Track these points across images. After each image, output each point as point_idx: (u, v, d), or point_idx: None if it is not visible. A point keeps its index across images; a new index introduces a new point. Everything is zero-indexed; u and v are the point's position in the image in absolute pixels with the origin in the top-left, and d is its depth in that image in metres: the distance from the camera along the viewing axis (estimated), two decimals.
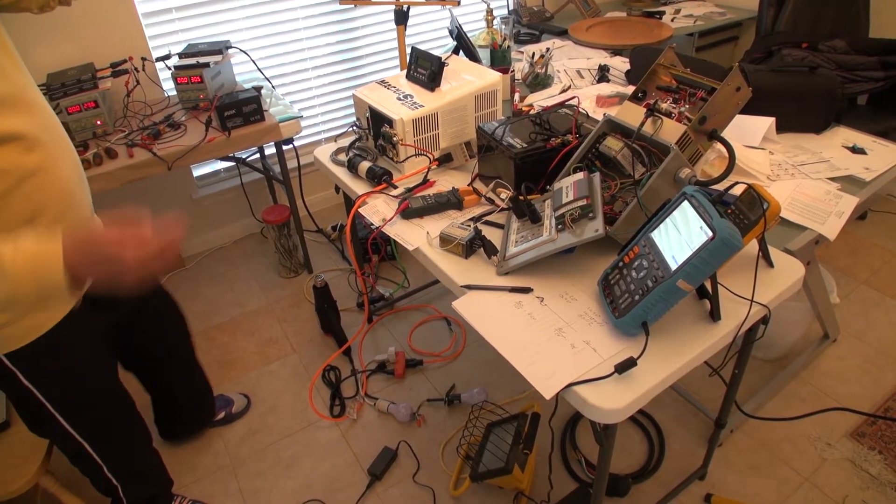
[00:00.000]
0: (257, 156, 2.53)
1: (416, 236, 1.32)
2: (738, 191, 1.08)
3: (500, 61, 2.10)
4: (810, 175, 1.48)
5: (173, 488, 1.61)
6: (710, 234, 0.89)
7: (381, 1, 2.24)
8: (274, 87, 2.38)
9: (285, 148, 2.17)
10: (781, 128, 1.62)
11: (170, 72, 2.05)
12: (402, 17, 2.28)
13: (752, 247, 1.14)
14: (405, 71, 1.66)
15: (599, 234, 1.06)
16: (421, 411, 1.87)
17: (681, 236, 0.95)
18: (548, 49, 2.08)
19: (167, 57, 2.09)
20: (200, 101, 2.03)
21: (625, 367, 0.92)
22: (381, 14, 2.61)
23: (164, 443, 1.80)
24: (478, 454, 1.59)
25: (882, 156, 1.55)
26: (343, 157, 1.62)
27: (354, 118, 1.68)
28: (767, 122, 1.59)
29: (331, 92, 2.68)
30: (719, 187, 1.07)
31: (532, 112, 1.57)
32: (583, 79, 2.08)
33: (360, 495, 1.65)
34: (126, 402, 1.37)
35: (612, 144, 1.19)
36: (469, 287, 1.15)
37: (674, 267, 0.93)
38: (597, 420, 0.92)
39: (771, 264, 1.14)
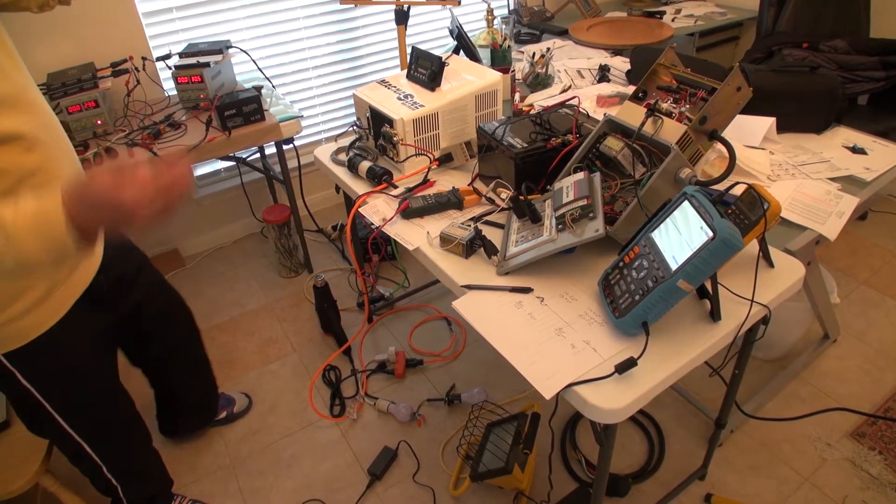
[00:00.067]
0: (257, 155, 2.53)
1: (417, 236, 1.32)
2: (738, 191, 1.08)
3: (500, 61, 2.10)
4: (811, 175, 1.48)
5: (173, 488, 1.61)
6: (711, 234, 0.89)
7: (382, 1, 2.24)
8: (274, 86, 2.38)
9: (286, 147, 2.16)
10: (782, 128, 1.62)
11: (170, 71, 2.05)
12: (402, 17, 2.28)
13: (753, 247, 1.14)
14: (405, 71, 1.65)
15: (600, 234, 1.06)
16: (421, 411, 1.87)
17: (681, 236, 0.95)
18: (548, 49, 2.08)
19: (167, 56, 2.09)
20: (201, 101, 2.03)
21: (625, 367, 0.92)
22: (382, 14, 2.61)
23: (164, 440, 1.80)
24: (478, 454, 1.59)
25: (882, 156, 1.55)
26: (343, 157, 1.62)
27: (355, 118, 1.68)
28: (768, 122, 1.59)
29: (331, 92, 2.68)
30: (720, 187, 1.07)
31: (532, 112, 1.57)
32: (583, 79, 2.07)
33: (360, 495, 1.65)
34: (126, 402, 1.37)
35: (613, 144, 1.19)
36: (469, 287, 1.15)
37: (674, 267, 0.93)
38: (597, 420, 0.92)
39: (771, 264, 1.14)
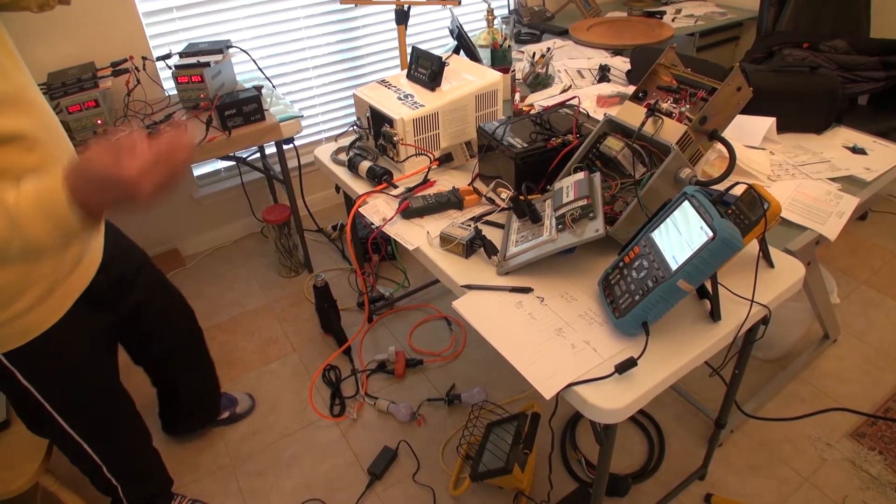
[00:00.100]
0: (258, 155, 2.53)
1: (417, 236, 1.32)
2: (738, 191, 1.08)
3: (500, 61, 2.10)
4: (811, 175, 1.48)
5: (173, 487, 1.61)
6: (711, 234, 0.89)
7: (382, 0, 2.24)
8: (274, 86, 2.38)
9: (286, 147, 2.16)
10: (782, 128, 1.62)
11: (170, 71, 2.05)
12: (402, 17, 2.28)
13: (753, 247, 1.14)
14: (406, 70, 1.65)
15: (600, 234, 1.06)
16: (421, 411, 1.87)
17: (681, 236, 0.95)
18: (548, 49, 2.08)
19: (168, 56, 2.09)
20: (201, 101, 2.03)
21: (625, 367, 0.92)
22: (382, 14, 2.61)
23: (165, 440, 1.80)
24: (478, 454, 1.59)
25: (882, 156, 1.55)
26: (343, 157, 1.62)
27: (355, 118, 1.68)
28: (768, 123, 1.59)
29: (331, 91, 2.68)
30: (720, 187, 1.07)
31: (533, 112, 1.57)
32: (583, 79, 2.07)
33: (359, 495, 1.65)
34: (126, 401, 1.37)
35: (613, 144, 1.19)
36: (469, 287, 1.15)
37: (674, 267, 0.93)
38: (597, 420, 0.92)
39: (771, 264, 1.14)
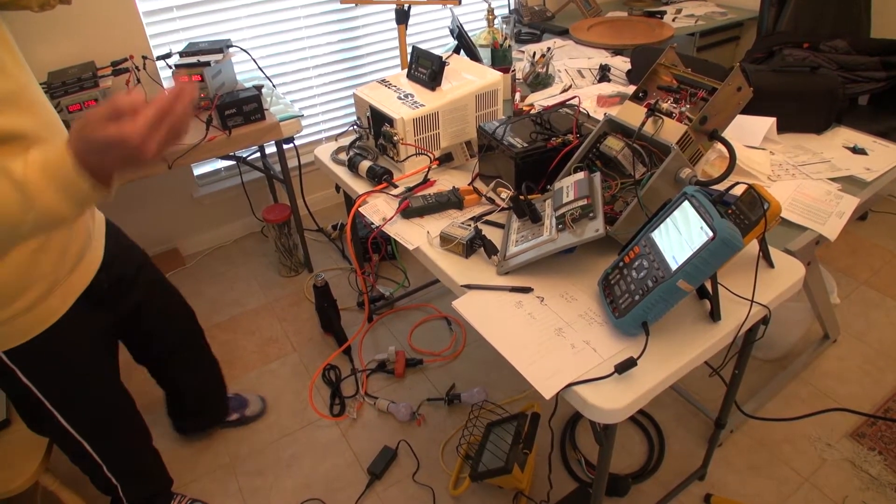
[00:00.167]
0: (258, 155, 2.53)
1: (417, 235, 1.32)
2: (738, 191, 1.08)
3: (500, 61, 2.09)
4: (811, 175, 1.48)
5: (173, 487, 1.61)
6: (711, 234, 0.89)
7: (383, 0, 2.24)
8: (274, 85, 2.38)
9: (286, 147, 2.16)
10: (782, 128, 1.62)
11: (170, 70, 2.05)
12: (402, 17, 2.27)
13: (753, 247, 1.14)
14: (406, 70, 1.65)
15: (600, 234, 1.06)
16: (421, 411, 1.87)
17: (681, 236, 0.95)
18: (549, 48, 2.07)
19: (168, 55, 2.09)
20: (201, 100, 2.03)
21: (625, 367, 0.92)
22: (382, 13, 2.61)
23: (165, 438, 1.81)
24: (478, 454, 1.59)
25: (883, 156, 1.54)
26: (343, 157, 1.62)
27: (355, 117, 1.68)
28: (768, 123, 1.59)
29: (331, 91, 2.68)
30: (720, 187, 1.07)
31: (533, 112, 1.57)
32: (584, 78, 2.07)
33: (359, 495, 1.65)
34: (126, 401, 1.37)
35: (613, 144, 1.19)
36: (469, 287, 1.15)
37: (674, 267, 0.93)
38: (597, 420, 0.92)
39: (771, 264, 1.14)
